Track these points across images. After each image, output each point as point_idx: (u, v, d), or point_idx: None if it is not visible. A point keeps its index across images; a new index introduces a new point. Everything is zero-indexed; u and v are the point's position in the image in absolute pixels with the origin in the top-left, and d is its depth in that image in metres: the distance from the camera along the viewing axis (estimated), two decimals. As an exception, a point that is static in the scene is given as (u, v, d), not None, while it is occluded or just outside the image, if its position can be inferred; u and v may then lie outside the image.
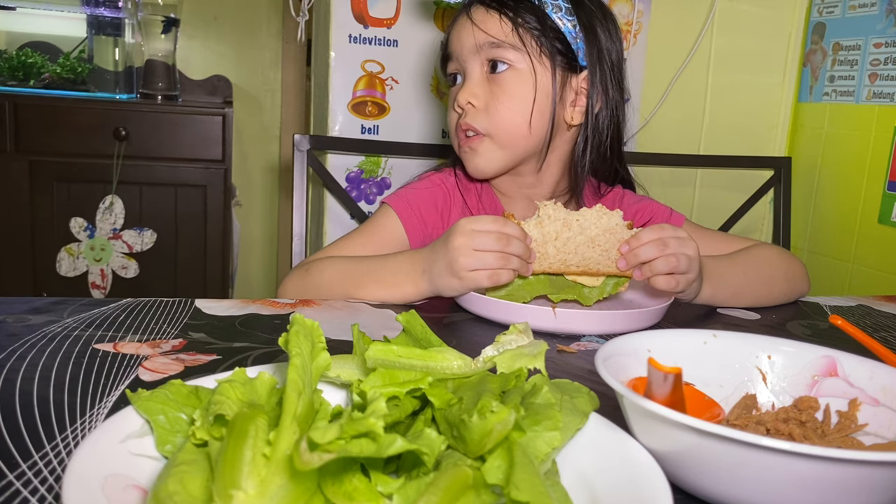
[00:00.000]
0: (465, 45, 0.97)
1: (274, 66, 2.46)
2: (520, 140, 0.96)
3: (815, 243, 1.75)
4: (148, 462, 0.39)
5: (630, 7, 1.61)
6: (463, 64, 0.98)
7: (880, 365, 0.50)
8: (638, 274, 0.78)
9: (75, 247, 2.00)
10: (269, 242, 2.58)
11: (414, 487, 0.35)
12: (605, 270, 0.79)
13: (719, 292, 0.88)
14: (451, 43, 1.00)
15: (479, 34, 0.95)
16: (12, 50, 2.09)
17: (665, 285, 0.78)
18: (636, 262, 0.78)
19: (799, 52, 1.76)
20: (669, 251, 0.78)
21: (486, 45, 0.95)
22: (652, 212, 1.06)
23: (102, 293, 2.03)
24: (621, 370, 0.48)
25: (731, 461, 0.38)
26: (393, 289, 0.84)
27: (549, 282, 0.81)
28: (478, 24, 0.95)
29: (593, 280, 0.80)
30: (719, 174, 1.77)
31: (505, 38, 0.94)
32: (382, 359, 0.43)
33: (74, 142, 1.96)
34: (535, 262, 0.79)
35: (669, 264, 0.78)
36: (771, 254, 0.97)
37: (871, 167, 1.59)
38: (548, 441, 0.38)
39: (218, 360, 0.61)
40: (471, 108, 0.95)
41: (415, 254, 0.86)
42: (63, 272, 2.00)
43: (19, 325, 0.66)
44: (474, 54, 0.96)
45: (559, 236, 0.78)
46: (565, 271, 0.79)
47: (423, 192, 1.03)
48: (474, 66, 0.96)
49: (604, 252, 0.78)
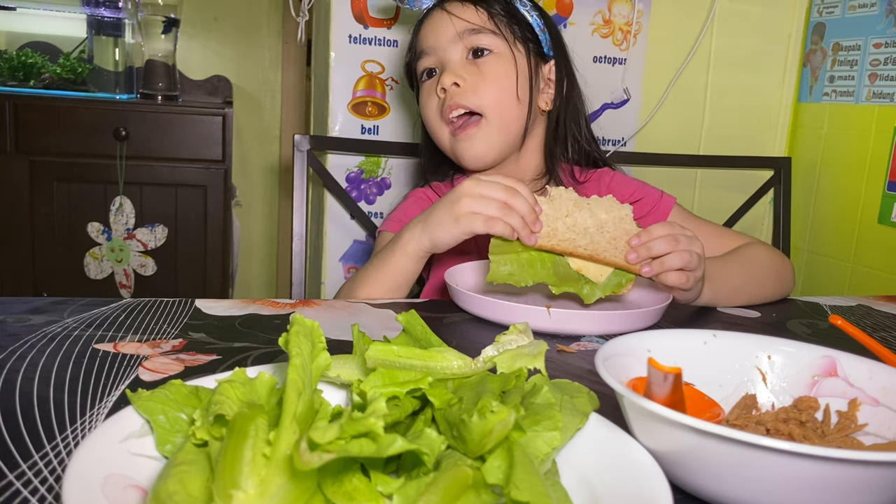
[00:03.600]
0: (442, 36, 1.00)
1: (274, 66, 2.46)
2: (514, 119, 0.99)
3: (815, 243, 1.75)
4: (148, 462, 0.39)
5: (630, 7, 1.61)
6: (442, 55, 1.00)
7: (880, 365, 0.50)
8: (647, 269, 0.77)
9: (97, 250, 2.02)
10: (269, 242, 2.58)
11: (414, 487, 0.35)
12: (613, 260, 0.77)
13: (719, 293, 0.88)
14: (425, 39, 1.02)
15: (459, 22, 0.99)
16: (12, 50, 2.09)
17: (676, 281, 0.77)
18: (647, 256, 0.77)
19: (799, 53, 1.76)
20: (682, 247, 0.77)
21: (466, 33, 0.98)
22: (643, 193, 1.06)
23: (129, 292, 2.05)
24: (621, 370, 0.48)
25: (731, 461, 0.38)
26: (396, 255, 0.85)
27: (554, 270, 0.78)
28: (456, 14, 0.99)
29: (597, 273, 0.78)
30: (719, 174, 1.77)
31: (483, 25, 0.99)
32: (382, 359, 0.43)
33: (74, 142, 1.96)
34: (545, 236, 0.77)
35: (682, 260, 0.77)
36: (763, 254, 0.98)
37: (871, 167, 1.59)
38: (548, 441, 0.38)
39: (218, 360, 0.61)
40: (456, 88, 0.97)
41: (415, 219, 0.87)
42: (92, 276, 2.03)
43: (19, 325, 0.66)
44: (454, 43, 0.99)
45: (570, 214, 0.77)
46: (573, 252, 0.77)
47: (410, 207, 1.05)
48: (454, 55, 0.99)
49: (612, 240, 0.77)
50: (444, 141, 1.02)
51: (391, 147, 1.43)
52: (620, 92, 1.64)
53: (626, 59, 1.63)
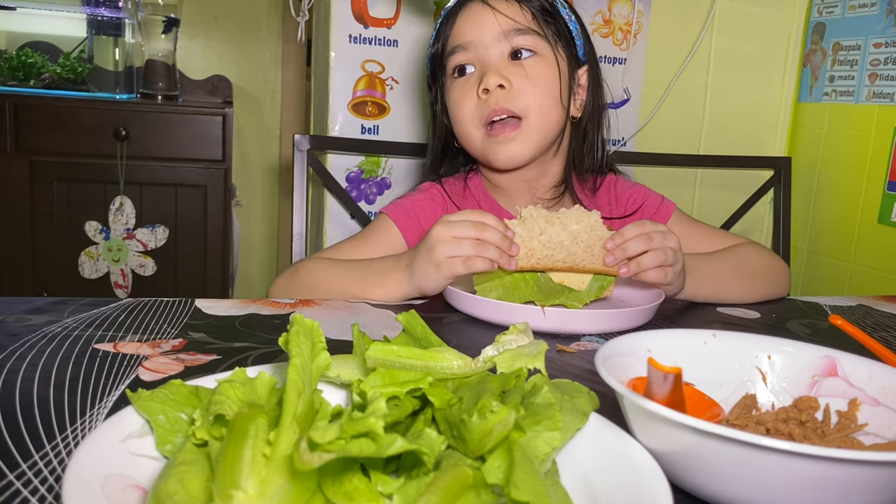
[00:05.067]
0: (485, 33, 0.95)
1: (274, 66, 2.46)
2: (553, 123, 0.97)
3: (815, 243, 1.75)
4: (148, 462, 0.39)
5: (630, 7, 1.61)
6: (483, 53, 0.96)
7: (880, 365, 0.50)
8: (625, 270, 0.79)
9: (93, 249, 2.02)
10: (269, 242, 2.58)
11: (414, 487, 0.35)
12: (591, 267, 0.80)
13: (701, 286, 0.89)
14: (463, 33, 0.97)
15: (504, 21, 0.95)
16: (12, 50, 2.09)
17: (655, 277, 0.79)
18: (623, 257, 0.79)
19: (799, 52, 1.76)
20: (655, 245, 0.79)
21: (511, 32, 0.95)
22: (644, 197, 1.07)
23: (125, 293, 2.05)
24: (621, 370, 0.48)
25: (731, 461, 0.38)
26: (376, 287, 0.84)
27: (538, 286, 0.81)
28: (500, 10, 0.95)
29: (579, 282, 0.81)
30: (719, 174, 1.77)
31: (528, 25, 0.95)
32: (382, 359, 0.43)
33: (75, 142, 1.96)
34: (524, 257, 0.78)
35: (657, 258, 0.79)
36: (751, 251, 0.98)
37: (871, 167, 1.59)
38: (548, 441, 0.38)
39: (218, 360, 0.61)
40: (501, 91, 0.94)
41: (401, 255, 0.86)
42: (87, 275, 2.03)
43: (19, 325, 0.66)
44: (498, 42, 0.95)
45: (544, 232, 0.79)
46: (552, 267, 0.79)
47: (423, 202, 1.02)
48: (495, 53, 0.95)
49: (587, 248, 0.79)
50: (475, 141, 0.98)
51: (391, 147, 1.43)
52: (620, 92, 1.64)
53: (626, 59, 1.63)
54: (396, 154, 1.46)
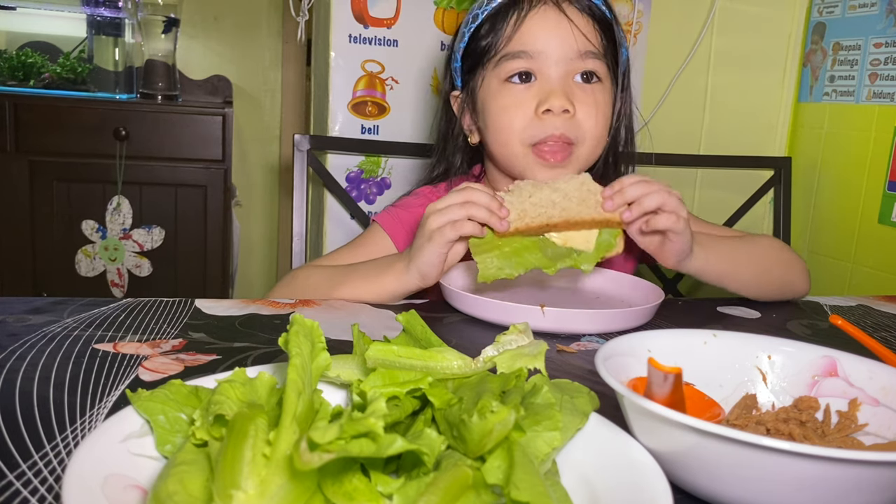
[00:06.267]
0: (559, 48, 0.88)
1: (274, 66, 2.46)
2: (599, 150, 0.94)
3: (815, 243, 1.75)
4: (148, 462, 0.39)
5: (630, 7, 1.61)
6: (550, 66, 0.88)
7: (880, 365, 0.50)
8: (628, 215, 0.76)
9: (90, 248, 2.02)
10: (269, 242, 2.58)
11: (414, 487, 0.35)
12: (590, 218, 0.76)
13: (711, 261, 0.85)
14: (534, 39, 0.89)
15: (582, 41, 0.89)
16: (12, 50, 2.10)
17: (666, 222, 0.76)
18: (623, 202, 0.76)
19: (799, 52, 1.76)
20: (655, 188, 0.76)
21: (588, 54, 0.89)
22: None
23: (121, 291, 2.05)
24: (621, 370, 0.48)
25: (731, 461, 0.38)
26: (378, 282, 0.84)
27: (542, 252, 0.76)
28: (578, 25, 0.89)
29: (584, 241, 0.77)
30: (719, 174, 1.77)
31: (599, 48, 0.91)
32: (382, 359, 0.43)
33: (74, 142, 1.96)
34: (516, 219, 0.76)
35: (659, 199, 0.76)
36: (769, 242, 0.96)
37: (871, 167, 1.59)
38: (548, 441, 0.38)
39: (218, 360, 0.61)
40: (564, 115, 0.88)
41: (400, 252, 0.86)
42: (83, 273, 2.02)
43: (19, 325, 0.66)
44: (570, 60, 0.89)
45: (533, 195, 0.77)
46: (548, 223, 0.76)
47: (415, 209, 0.97)
48: (561, 71, 0.89)
49: (581, 202, 0.76)
50: (515, 155, 0.91)
51: (391, 147, 1.43)
52: (620, 92, 1.64)
53: (626, 59, 1.63)
54: (396, 154, 1.46)
